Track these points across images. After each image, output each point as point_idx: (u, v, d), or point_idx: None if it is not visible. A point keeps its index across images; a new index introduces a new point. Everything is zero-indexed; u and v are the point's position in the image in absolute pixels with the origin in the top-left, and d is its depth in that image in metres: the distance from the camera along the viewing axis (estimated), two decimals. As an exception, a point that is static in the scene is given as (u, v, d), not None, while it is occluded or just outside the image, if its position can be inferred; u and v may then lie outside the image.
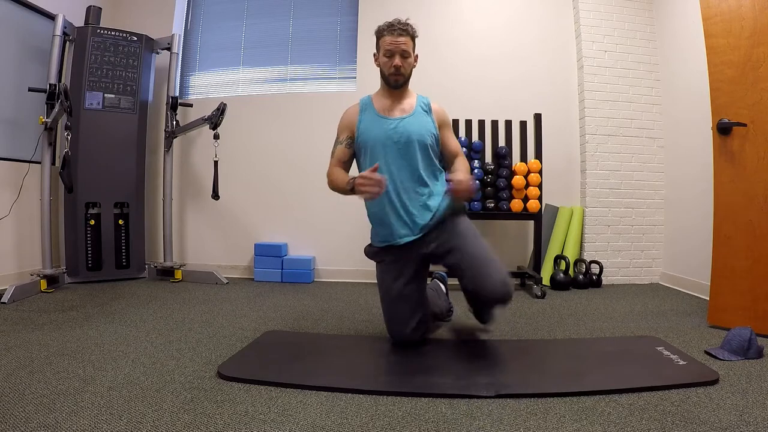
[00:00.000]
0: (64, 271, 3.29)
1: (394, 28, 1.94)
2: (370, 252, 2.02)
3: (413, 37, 1.98)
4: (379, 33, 1.99)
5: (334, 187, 1.92)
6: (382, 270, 1.96)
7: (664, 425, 1.24)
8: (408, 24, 1.97)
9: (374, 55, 2.04)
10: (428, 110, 2.02)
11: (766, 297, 2.09)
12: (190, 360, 1.75)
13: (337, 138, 2.03)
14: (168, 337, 2.05)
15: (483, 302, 1.86)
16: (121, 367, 1.66)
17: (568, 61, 3.73)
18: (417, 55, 2.04)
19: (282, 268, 3.61)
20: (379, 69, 2.01)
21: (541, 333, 2.21)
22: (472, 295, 1.86)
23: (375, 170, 1.69)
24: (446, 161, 2.03)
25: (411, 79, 2.05)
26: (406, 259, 1.90)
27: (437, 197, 1.92)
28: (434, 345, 1.96)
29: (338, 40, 3.92)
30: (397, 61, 1.92)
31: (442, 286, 2.40)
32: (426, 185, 1.91)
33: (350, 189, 1.77)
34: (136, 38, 3.52)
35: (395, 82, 1.97)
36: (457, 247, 1.82)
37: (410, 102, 2.02)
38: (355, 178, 1.75)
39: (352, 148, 1.99)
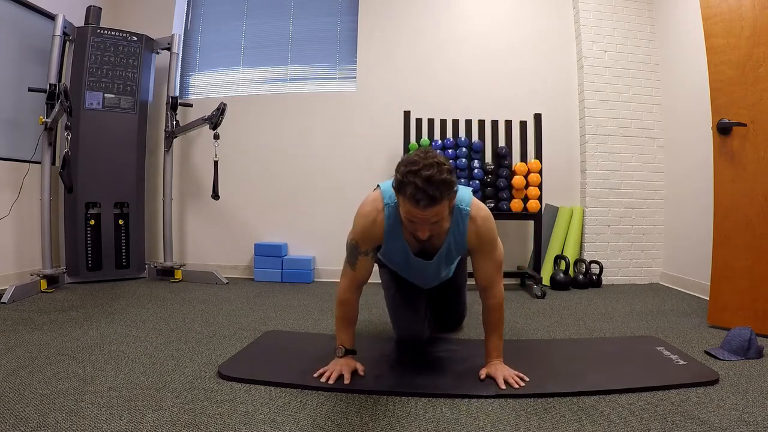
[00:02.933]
0: (64, 271, 3.29)
1: (418, 200, 1.29)
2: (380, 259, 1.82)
3: (448, 194, 1.34)
4: (400, 189, 1.34)
5: (336, 324, 1.65)
6: (389, 273, 1.94)
7: (664, 425, 1.24)
8: (441, 185, 1.29)
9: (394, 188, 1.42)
10: (462, 237, 1.54)
11: (766, 297, 2.09)
12: (190, 360, 1.75)
13: (357, 247, 1.55)
14: (168, 337, 2.05)
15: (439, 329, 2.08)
16: (121, 367, 1.66)
17: (568, 61, 3.73)
18: (453, 196, 1.40)
19: (282, 268, 3.61)
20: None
21: (541, 333, 2.21)
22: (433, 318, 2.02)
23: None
24: (477, 287, 1.63)
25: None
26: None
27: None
28: (434, 345, 1.95)
29: (338, 40, 3.92)
30: (424, 233, 1.39)
31: None
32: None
33: (335, 349, 1.61)
34: (136, 38, 3.52)
35: (421, 244, 1.56)
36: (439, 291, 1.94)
37: (444, 229, 1.51)
38: (338, 357, 1.59)
39: (376, 255, 1.64)
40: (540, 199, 3.28)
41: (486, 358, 1.61)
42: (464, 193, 1.54)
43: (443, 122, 3.44)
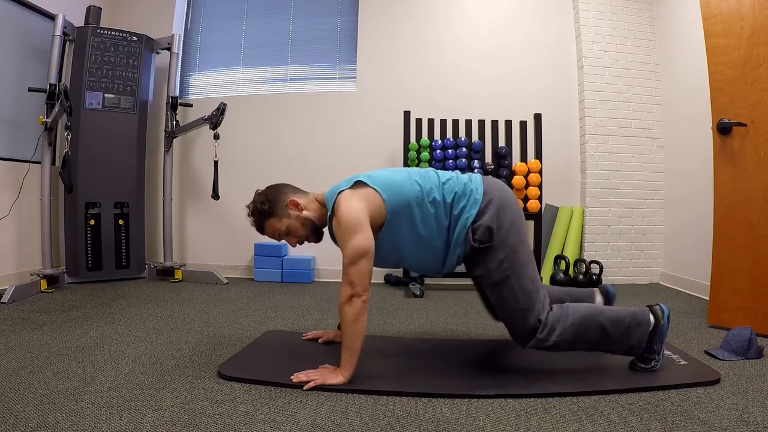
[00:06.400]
0: (64, 271, 3.29)
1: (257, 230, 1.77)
2: None
3: (262, 221, 1.71)
4: None
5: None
6: None
7: (664, 425, 1.24)
8: (253, 217, 1.74)
9: None
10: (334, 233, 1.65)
11: (766, 297, 2.09)
12: (190, 360, 1.75)
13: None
14: (168, 337, 2.05)
15: None
16: (121, 367, 1.66)
17: (568, 61, 3.73)
18: (291, 202, 1.69)
19: (282, 268, 3.61)
20: None
21: (541, 333, 2.21)
22: None
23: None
24: None
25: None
26: None
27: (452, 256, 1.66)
28: (434, 345, 1.96)
29: (338, 40, 3.92)
30: (290, 244, 1.75)
31: (649, 317, 1.60)
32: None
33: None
34: (136, 38, 3.52)
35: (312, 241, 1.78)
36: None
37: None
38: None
39: None
40: (540, 199, 3.28)
41: None
42: (331, 196, 1.62)
43: (443, 122, 3.44)
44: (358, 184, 1.61)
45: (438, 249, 1.65)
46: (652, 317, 1.60)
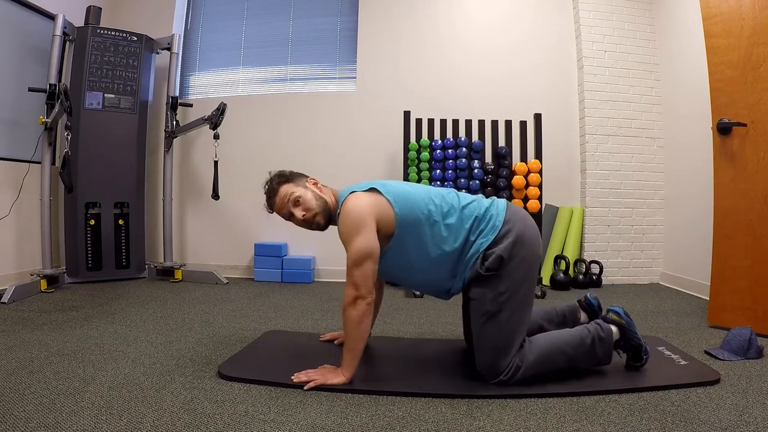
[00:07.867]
0: (64, 271, 3.29)
1: (267, 203, 1.72)
2: None
3: (279, 184, 1.68)
4: None
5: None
6: None
7: (664, 425, 1.24)
8: (266, 186, 1.70)
9: None
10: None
11: (766, 297, 2.09)
12: (190, 360, 1.75)
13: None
14: (168, 337, 2.05)
15: None
16: (121, 367, 1.66)
17: (567, 61, 3.73)
18: (312, 180, 1.72)
19: (282, 268, 3.61)
20: None
21: (541, 333, 2.21)
22: None
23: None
24: None
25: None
26: None
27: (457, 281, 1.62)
28: (434, 345, 1.95)
29: (338, 40, 3.92)
30: (295, 221, 1.69)
31: (612, 329, 1.62)
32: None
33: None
34: (136, 38, 3.52)
35: (317, 229, 1.73)
36: (469, 310, 1.63)
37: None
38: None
39: None
40: (540, 199, 3.28)
41: None
42: (342, 195, 1.62)
43: (443, 122, 3.43)
44: (372, 190, 1.60)
45: (446, 273, 1.61)
46: (614, 328, 1.61)
